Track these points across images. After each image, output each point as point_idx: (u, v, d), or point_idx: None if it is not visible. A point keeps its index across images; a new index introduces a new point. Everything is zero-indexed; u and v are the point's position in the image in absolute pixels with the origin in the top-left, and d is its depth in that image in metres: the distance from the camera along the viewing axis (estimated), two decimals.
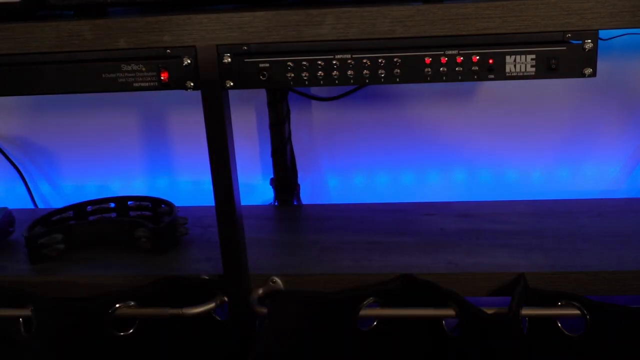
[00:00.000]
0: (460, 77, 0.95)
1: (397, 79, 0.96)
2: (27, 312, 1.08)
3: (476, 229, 1.22)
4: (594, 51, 0.92)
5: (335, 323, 1.04)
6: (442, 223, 1.26)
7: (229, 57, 0.97)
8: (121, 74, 0.99)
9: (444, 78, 0.96)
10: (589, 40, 0.92)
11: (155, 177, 1.52)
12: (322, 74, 0.97)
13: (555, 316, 1.01)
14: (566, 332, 1.01)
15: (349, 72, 0.96)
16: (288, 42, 0.95)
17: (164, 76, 0.99)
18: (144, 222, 1.23)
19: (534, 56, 0.93)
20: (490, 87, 1.38)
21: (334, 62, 0.96)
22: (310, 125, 1.46)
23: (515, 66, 0.94)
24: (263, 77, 0.97)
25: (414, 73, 0.96)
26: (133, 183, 1.53)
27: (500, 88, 1.38)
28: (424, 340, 1.04)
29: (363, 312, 1.04)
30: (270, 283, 1.09)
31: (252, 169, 1.49)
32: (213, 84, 0.98)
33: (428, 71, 0.96)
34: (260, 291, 1.09)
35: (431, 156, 1.44)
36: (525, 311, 0.99)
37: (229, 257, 1.06)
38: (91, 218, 1.29)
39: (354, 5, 0.94)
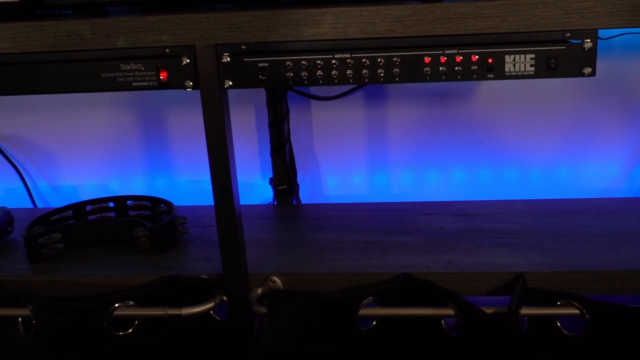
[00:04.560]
0: (459, 77, 0.95)
1: (396, 79, 0.96)
2: (26, 311, 1.08)
3: (475, 228, 1.22)
4: (593, 51, 0.92)
5: (334, 322, 1.04)
6: (441, 222, 1.26)
7: (228, 56, 0.97)
8: (120, 74, 0.99)
9: (443, 77, 0.96)
10: (588, 40, 0.92)
11: (154, 176, 1.52)
12: (321, 74, 0.97)
13: (554, 315, 1.01)
14: (565, 332, 1.01)
15: (348, 72, 0.96)
16: (287, 41, 0.95)
17: (163, 75, 0.99)
18: (143, 221, 1.23)
19: (533, 55, 0.93)
20: (489, 87, 1.38)
21: (333, 61, 0.96)
22: (310, 124, 1.46)
23: (514, 65, 0.94)
24: (262, 76, 0.97)
25: (413, 72, 0.96)
26: (132, 182, 1.53)
27: (499, 87, 1.38)
28: (423, 339, 1.04)
29: (362, 312, 1.04)
30: (270, 282, 1.09)
31: (251, 168, 1.49)
32: (212, 84, 0.98)
33: (427, 71, 0.96)
34: (260, 291, 1.09)
35: (430, 155, 1.44)
36: (525, 310, 0.99)
37: (228, 257, 1.06)
38: (90, 217, 1.29)
39: (353, 5, 0.94)
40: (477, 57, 0.94)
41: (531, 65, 0.94)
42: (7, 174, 1.54)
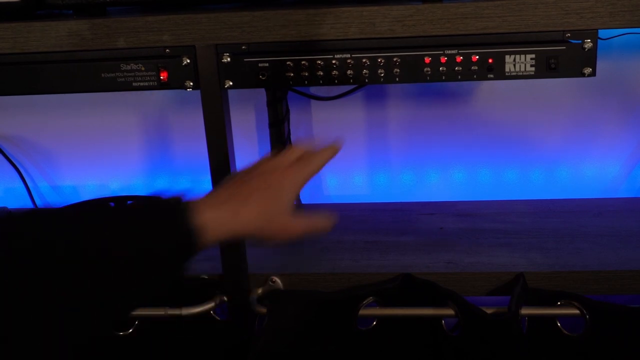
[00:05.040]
0: (459, 77, 0.95)
1: (397, 79, 0.96)
2: None
3: (476, 228, 1.22)
4: (593, 51, 0.92)
5: (334, 322, 1.04)
6: (441, 222, 1.26)
7: (228, 56, 0.97)
8: (120, 74, 0.99)
9: (444, 78, 0.96)
10: (589, 40, 0.92)
11: (154, 176, 1.52)
12: (321, 74, 0.97)
13: (554, 316, 1.01)
14: (565, 332, 1.01)
15: (349, 72, 0.96)
16: (287, 41, 0.95)
17: (163, 76, 0.99)
18: None
19: (533, 56, 0.93)
20: (489, 87, 1.38)
21: (334, 61, 0.96)
22: (310, 124, 1.46)
23: (514, 66, 0.94)
24: (262, 76, 0.97)
25: (414, 73, 0.96)
26: (132, 183, 1.53)
27: (499, 87, 1.38)
28: (423, 339, 1.04)
29: (362, 312, 1.04)
30: (270, 282, 1.09)
31: None
32: (212, 84, 0.98)
33: (427, 71, 0.95)
34: (260, 291, 1.09)
35: (431, 155, 1.44)
36: (525, 311, 0.99)
37: (229, 257, 1.06)
38: None
39: (354, 5, 0.94)
40: (477, 57, 0.94)
41: (531, 66, 0.94)
42: (7, 174, 1.54)
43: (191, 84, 0.98)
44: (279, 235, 0.79)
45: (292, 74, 0.97)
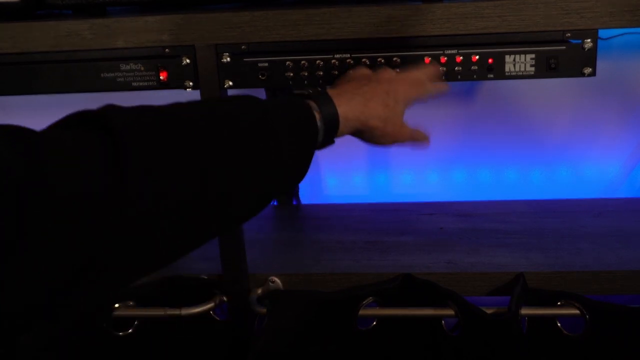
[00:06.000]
0: (459, 77, 0.95)
1: None
2: None
3: (475, 228, 1.22)
4: (593, 50, 0.92)
5: (334, 323, 1.04)
6: (441, 223, 1.26)
7: (228, 56, 0.97)
8: (120, 74, 0.99)
9: (443, 77, 0.96)
10: (589, 40, 0.92)
11: None
12: (321, 74, 0.97)
13: (554, 316, 1.01)
14: (565, 332, 1.01)
15: None
16: (287, 41, 0.95)
17: (162, 76, 0.99)
18: None
19: (533, 55, 0.93)
20: (489, 87, 1.38)
21: (333, 61, 0.96)
22: None
23: (514, 66, 0.94)
24: (262, 76, 0.97)
25: None
26: None
27: (499, 88, 1.38)
28: (423, 339, 1.04)
29: (362, 312, 1.04)
30: (270, 283, 1.09)
31: None
32: (212, 84, 0.98)
33: None
34: (260, 291, 1.09)
35: (431, 156, 1.44)
36: (525, 311, 0.99)
37: (228, 257, 1.06)
38: None
39: (353, 5, 0.94)
40: (477, 57, 0.94)
41: (531, 65, 0.94)
42: None
43: (191, 84, 0.98)
44: (391, 137, 0.89)
45: (292, 74, 0.97)
